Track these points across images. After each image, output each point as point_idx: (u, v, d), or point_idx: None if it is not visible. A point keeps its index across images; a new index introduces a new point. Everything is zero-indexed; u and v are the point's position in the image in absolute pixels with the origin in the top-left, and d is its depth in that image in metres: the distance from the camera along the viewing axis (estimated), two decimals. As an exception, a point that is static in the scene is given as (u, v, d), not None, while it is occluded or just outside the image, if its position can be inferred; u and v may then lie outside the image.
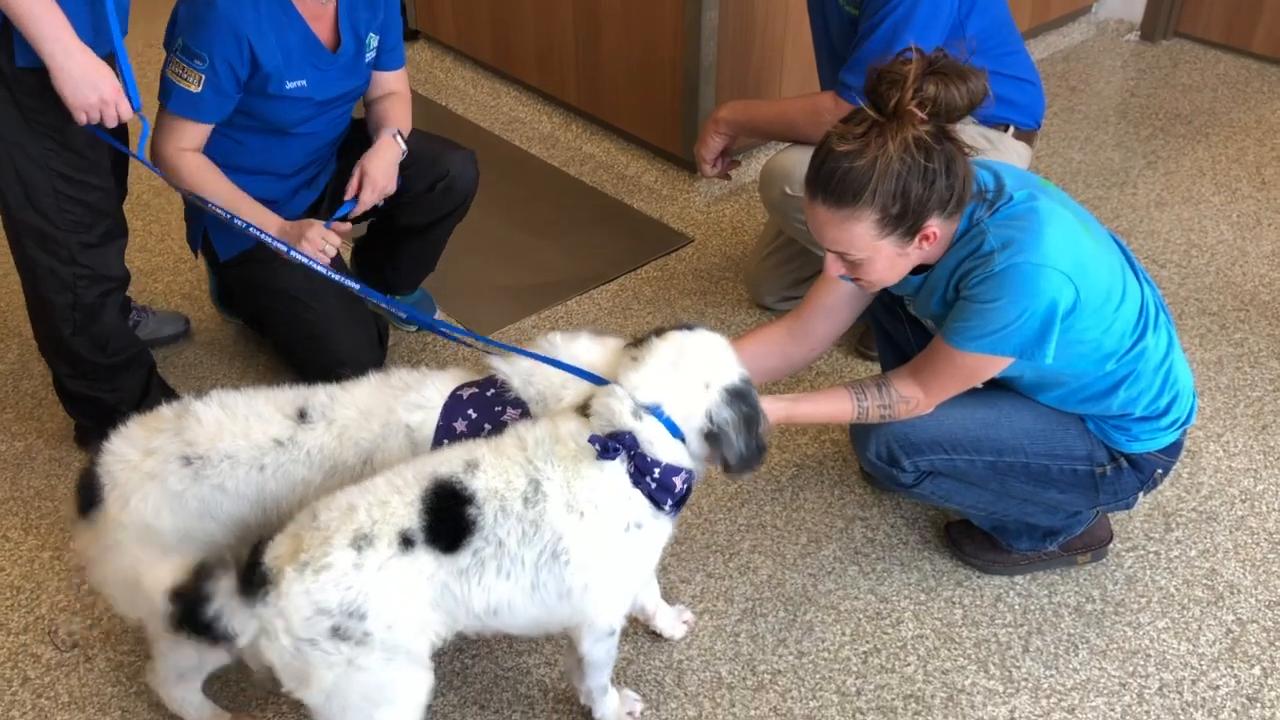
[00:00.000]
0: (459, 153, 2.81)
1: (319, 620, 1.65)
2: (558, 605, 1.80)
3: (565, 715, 2.13)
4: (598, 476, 1.76)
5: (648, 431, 1.77)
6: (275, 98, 2.50)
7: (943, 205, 1.84)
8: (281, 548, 1.70)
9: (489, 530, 1.72)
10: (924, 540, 2.48)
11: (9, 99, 2.18)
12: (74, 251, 2.36)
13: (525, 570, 1.75)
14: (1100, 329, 1.96)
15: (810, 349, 2.25)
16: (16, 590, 2.39)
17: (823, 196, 1.84)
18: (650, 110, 3.82)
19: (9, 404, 2.89)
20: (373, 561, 1.67)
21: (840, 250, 1.90)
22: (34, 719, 2.13)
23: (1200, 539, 2.47)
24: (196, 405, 1.91)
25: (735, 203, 3.69)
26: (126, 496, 1.84)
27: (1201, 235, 3.48)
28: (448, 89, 4.43)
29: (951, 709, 2.13)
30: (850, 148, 1.79)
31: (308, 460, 1.88)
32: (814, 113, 2.64)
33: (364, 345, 2.71)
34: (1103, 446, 2.14)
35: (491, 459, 1.76)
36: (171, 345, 3.07)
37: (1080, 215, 1.99)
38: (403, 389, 1.96)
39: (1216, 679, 2.18)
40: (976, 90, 1.80)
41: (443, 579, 1.72)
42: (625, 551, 1.81)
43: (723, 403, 1.79)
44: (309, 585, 1.65)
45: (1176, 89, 4.33)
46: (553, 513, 1.74)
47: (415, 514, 1.71)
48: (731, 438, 1.79)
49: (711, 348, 1.85)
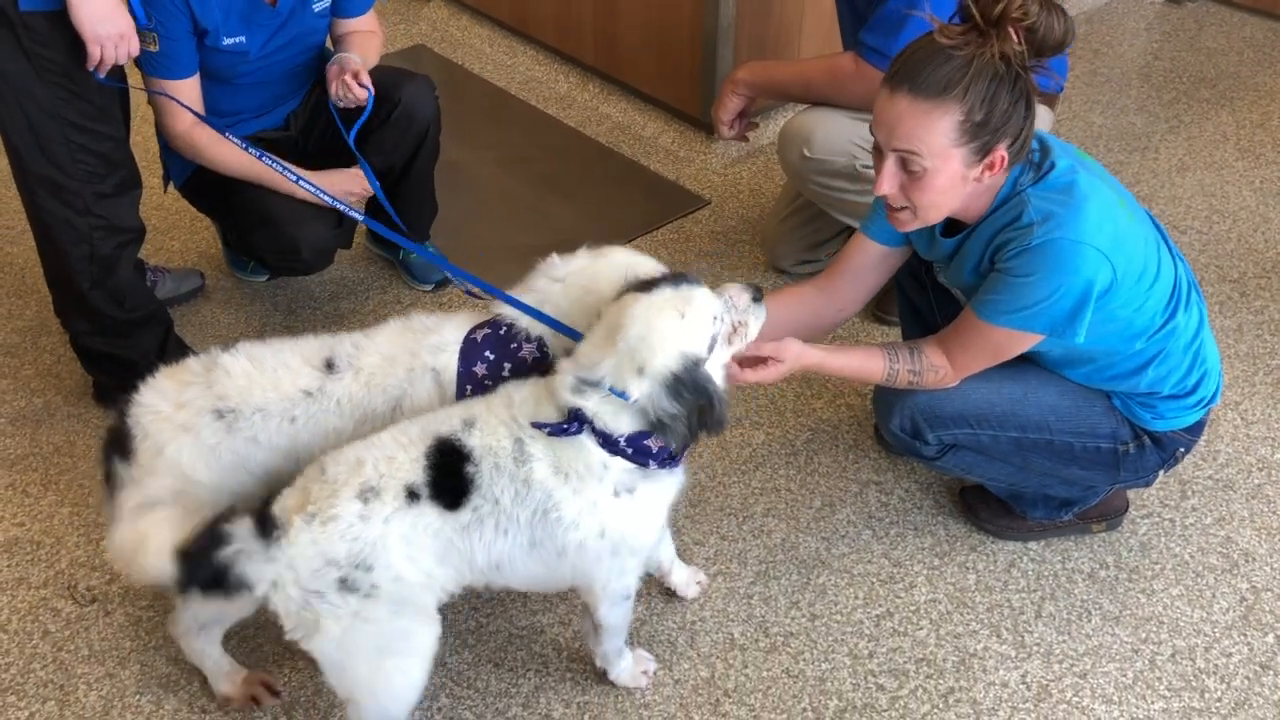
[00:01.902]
0: (413, 81, 2.79)
1: (327, 572, 1.67)
2: (558, 563, 1.81)
3: (579, 674, 2.15)
4: (572, 447, 1.74)
5: (595, 407, 1.72)
6: (212, 50, 2.53)
7: (1016, 134, 1.82)
8: (290, 499, 1.72)
9: (486, 488, 1.73)
10: (938, 505, 2.48)
11: (16, 45, 2.17)
12: (89, 202, 2.37)
13: (521, 528, 1.76)
14: (1133, 307, 1.94)
15: (839, 310, 2.24)
16: (36, 545, 2.41)
17: (909, 85, 1.78)
18: (668, 71, 3.78)
19: (28, 360, 2.91)
20: (379, 513, 1.69)
21: (910, 149, 1.82)
22: (54, 671, 2.16)
23: (1216, 506, 2.46)
24: (224, 358, 1.92)
25: (753, 165, 3.67)
26: (160, 447, 1.85)
27: (1224, 201, 3.44)
28: (464, 47, 4.40)
29: (963, 672, 2.14)
30: (950, 42, 1.76)
31: (338, 410, 1.90)
32: (834, 74, 2.61)
33: (324, 232, 2.72)
34: (1127, 424, 2.12)
35: (485, 417, 1.77)
36: (188, 303, 3.08)
37: (1118, 190, 1.96)
38: (424, 332, 1.97)
39: (1229, 646, 2.18)
40: (1070, 32, 1.78)
41: (448, 535, 1.74)
42: (621, 516, 1.79)
43: (662, 393, 1.69)
44: (316, 535, 1.67)
45: (1201, 52, 4.27)
46: (540, 473, 1.74)
47: (420, 469, 1.72)
48: (678, 427, 1.71)
49: (662, 319, 1.70)
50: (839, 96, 2.64)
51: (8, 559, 2.38)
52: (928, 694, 2.11)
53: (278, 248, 2.70)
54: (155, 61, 2.47)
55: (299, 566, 1.67)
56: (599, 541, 1.79)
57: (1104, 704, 2.09)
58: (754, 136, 3.62)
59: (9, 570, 2.35)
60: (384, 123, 2.75)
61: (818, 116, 2.70)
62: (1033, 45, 1.78)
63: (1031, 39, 1.77)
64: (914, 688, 2.12)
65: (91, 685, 2.14)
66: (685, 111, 3.83)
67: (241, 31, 2.53)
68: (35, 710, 2.09)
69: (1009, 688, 2.12)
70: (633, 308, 1.72)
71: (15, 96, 2.23)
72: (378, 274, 3.22)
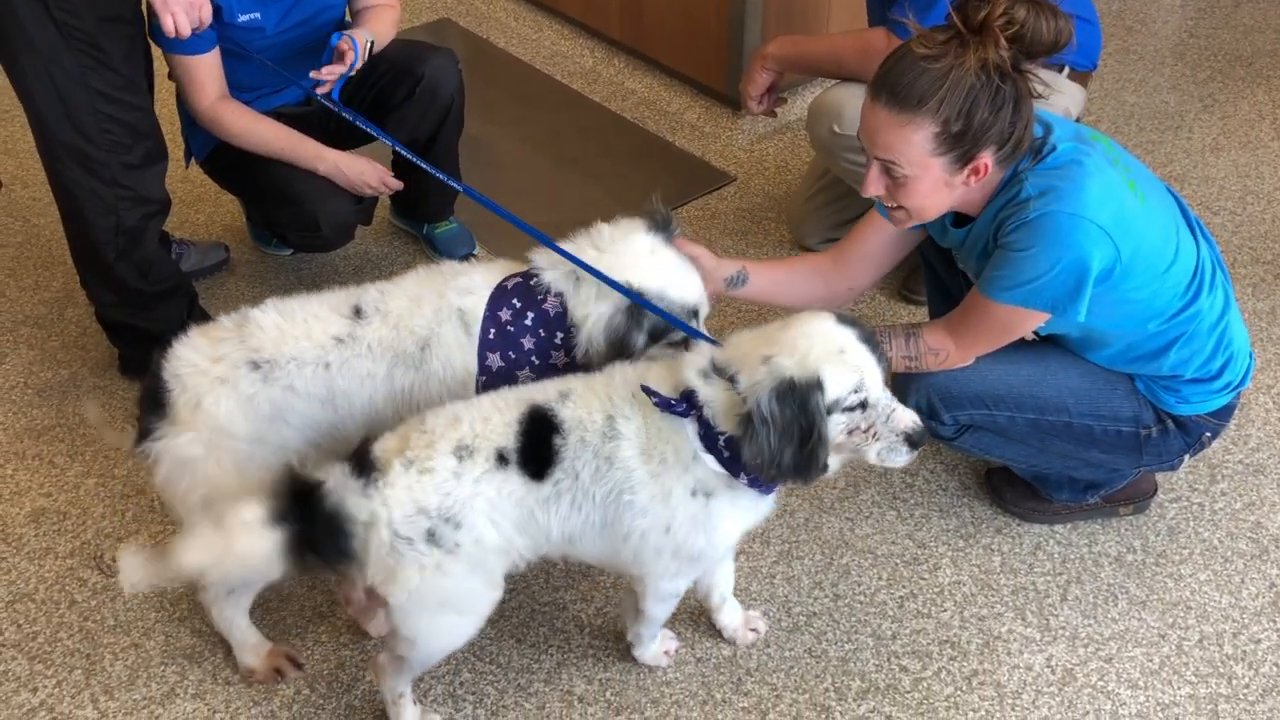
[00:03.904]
0: (436, 54, 2.78)
1: (418, 520, 1.68)
2: (622, 546, 1.79)
3: (601, 650, 2.15)
4: (669, 430, 1.71)
5: (710, 395, 1.68)
6: (229, 26, 2.53)
7: (1001, 141, 1.80)
8: (390, 441, 1.74)
9: (569, 462, 1.72)
10: (964, 487, 2.46)
11: (45, 14, 2.17)
12: (115, 173, 2.37)
13: (595, 506, 1.75)
14: (1149, 289, 1.91)
15: (849, 288, 2.23)
16: (63, 516, 2.43)
17: (886, 97, 1.79)
18: (695, 45, 3.75)
19: (54, 332, 2.92)
20: (471, 473, 1.70)
21: (889, 159, 1.83)
22: (81, 640, 2.18)
23: (1246, 491, 2.44)
24: (255, 313, 1.95)
25: (779, 141, 3.63)
26: (198, 399, 1.87)
27: (1258, 181, 3.39)
28: (489, 21, 4.37)
29: (987, 655, 2.13)
30: (928, 52, 1.74)
31: (369, 354, 1.92)
32: (864, 50, 2.57)
33: (344, 208, 2.72)
34: (1150, 408, 2.10)
35: (582, 390, 1.76)
36: (213, 276, 3.08)
37: (1133, 173, 1.93)
38: (451, 275, 2.00)
39: (1258, 633, 2.16)
40: (1064, 32, 1.75)
41: (529, 505, 1.74)
42: (689, 517, 1.75)
43: (771, 390, 1.60)
44: (412, 482, 1.68)
45: (1238, 30, 4.20)
46: (625, 452, 1.72)
47: (512, 435, 1.72)
48: (762, 436, 1.60)
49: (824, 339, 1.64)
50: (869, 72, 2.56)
51: (35, 529, 2.39)
52: (951, 676, 2.10)
53: (298, 224, 2.71)
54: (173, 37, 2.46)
55: (393, 508, 1.68)
56: (662, 536, 1.77)
57: (1129, 689, 2.07)
58: (781, 112, 3.59)
59: (36, 540, 2.37)
60: (408, 97, 2.74)
61: (848, 92, 2.67)
62: (1021, 49, 1.75)
63: (1019, 43, 1.74)
64: (937, 669, 2.11)
65: (117, 655, 2.16)
66: (712, 86, 3.79)
67: (255, 8, 2.53)
68: (63, 679, 2.11)
69: (1033, 671, 2.10)
70: (813, 319, 1.68)
71: (44, 65, 2.23)
72: (402, 248, 3.21)
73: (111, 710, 2.07)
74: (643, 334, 1.92)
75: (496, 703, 2.08)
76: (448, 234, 3.13)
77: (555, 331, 1.94)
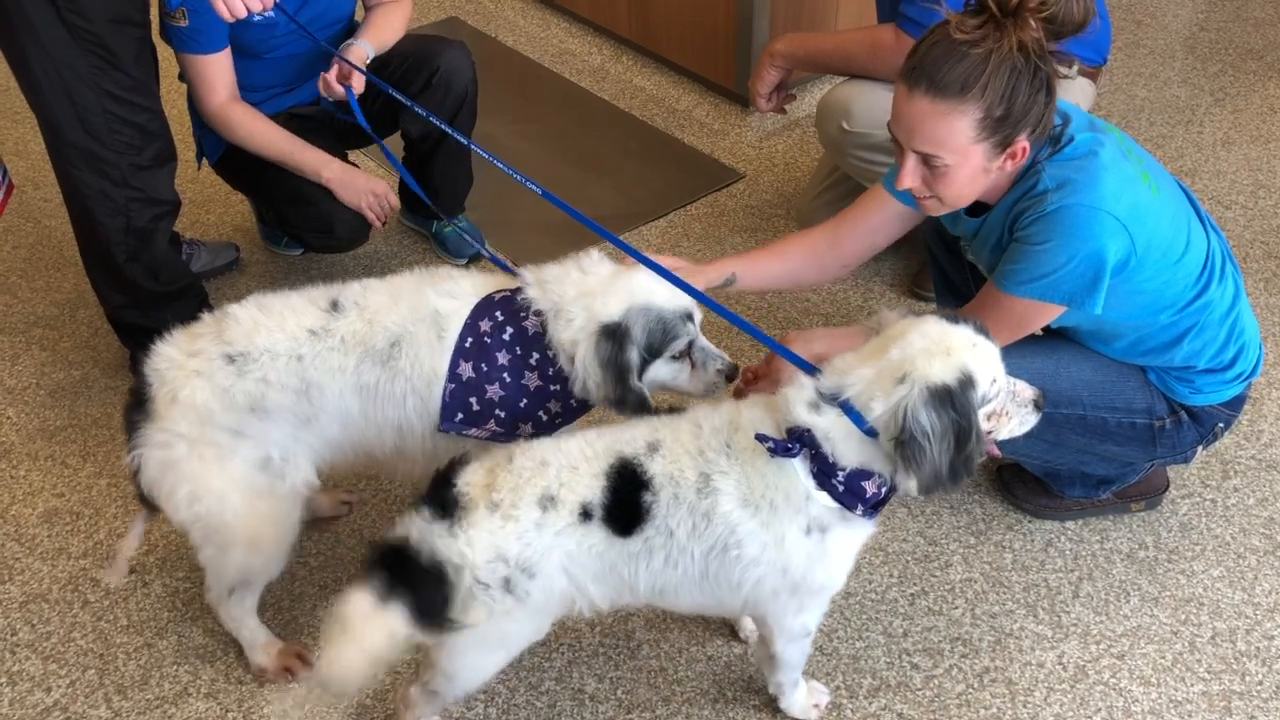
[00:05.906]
0: (450, 47, 2.79)
1: (498, 566, 1.64)
2: (730, 596, 1.73)
3: (611, 649, 2.15)
4: (775, 473, 1.63)
5: (827, 426, 1.60)
6: (241, 23, 2.49)
7: (1037, 122, 1.79)
8: (476, 476, 1.68)
9: (661, 520, 1.65)
10: (975, 484, 2.45)
11: (55, 16, 2.18)
12: (126, 174, 2.38)
13: (695, 561, 1.68)
14: (1160, 280, 1.91)
15: (842, 265, 2.21)
16: (75, 516, 2.44)
17: (927, 86, 1.75)
18: (703, 43, 3.75)
19: (66, 333, 2.93)
20: (553, 525, 1.64)
21: (931, 150, 1.80)
22: (94, 640, 2.19)
23: (1259, 487, 2.43)
24: (234, 308, 1.96)
25: (788, 138, 3.63)
26: (174, 392, 1.88)
27: (1270, 176, 3.37)
28: (497, 19, 4.37)
29: (999, 652, 2.13)
30: (967, 37, 1.72)
31: (341, 347, 1.91)
32: (873, 46, 2.57)
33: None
34: (1163, 399, 2.09)
35: (670, 444, 1.68)
36: (223, 276, 3.09)
37: (1145, 165, 1.92)
38: (440, 278, 1.99)
39: (1272, 629, 2.15)
40: (1091, 10, 1.74)
41: (611, 558, 1.68)
42: (806, 555, 1.68)
43: (924, 403, 1.53)
44: (496, 528, 1.63)
45: (1249, 23, 4.18)
46: (725, 506, 1.64)
47: (598, 489, 1.66)
48: (927, 451, 1.53)
49: (955, 337, 1.59)
50: (879, 69, 2.61)
51: (48, 529, 2.40)
52: (963, 673, 2.10)
53: (313, 226, 2.72)
54: (185, 36, 2.48)
55: (477, 553, 1.63)
56: (780, 579, 1.69)
57: (1142, 686, 2.07)
58: (790, 109, 3.59)
59: (49, 540, 2.38)
60: (422, 89, 2.75)
61: (857, 89, 2.67)
62: (1051, 29, 1.74)
63: (1050, 24, 1.73)
64: (949, 667, 2.11)
65: (130, 655, 2.16)
66: (720, 84, 3.79)
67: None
68: (76, 678, 2.12)
69: (1045, 668, 2.10)
70: (924, 324, 1.61)
71: (55, 66, 2.24)
72: (411, 247, 3.22)
73: (125, 710, 2.08)
74: (636, 350, 1.88)
75: (508, 701, 2.08)
76: (457, 232, 3.14)
77: (531, 351, 1.92)
